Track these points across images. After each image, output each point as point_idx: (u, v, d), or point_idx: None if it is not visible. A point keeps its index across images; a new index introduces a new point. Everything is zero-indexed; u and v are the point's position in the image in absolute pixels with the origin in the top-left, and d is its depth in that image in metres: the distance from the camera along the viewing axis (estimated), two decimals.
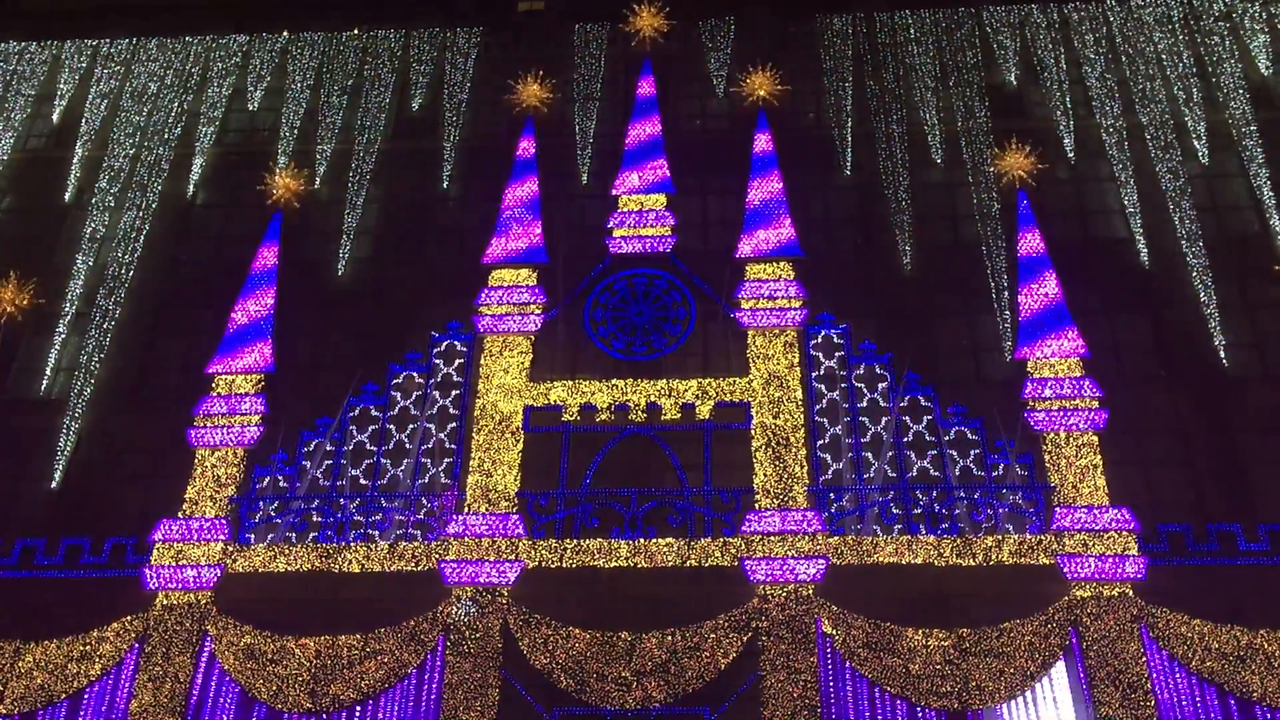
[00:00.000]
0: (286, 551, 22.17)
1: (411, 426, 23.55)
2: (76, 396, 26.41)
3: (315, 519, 22.69)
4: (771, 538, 21.44)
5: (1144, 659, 19.86)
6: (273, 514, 22.75)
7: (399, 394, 24.00)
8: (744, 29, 31.13)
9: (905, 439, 22.54)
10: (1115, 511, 21.14)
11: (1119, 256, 26.92)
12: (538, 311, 24.64)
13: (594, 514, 22.45)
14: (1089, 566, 20.64)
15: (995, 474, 22.00)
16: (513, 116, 28.86)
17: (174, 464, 23.65)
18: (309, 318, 27.00)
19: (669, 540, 21.80)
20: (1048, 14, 30.30)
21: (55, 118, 31.42)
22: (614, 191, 26.38)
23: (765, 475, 22.28)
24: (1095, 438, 22.06)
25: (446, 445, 23.35)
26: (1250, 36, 29.38)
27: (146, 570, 21.98)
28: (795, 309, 24.05)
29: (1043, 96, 29.41)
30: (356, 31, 31.93)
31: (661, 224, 25.52)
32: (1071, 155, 28.28)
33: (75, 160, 30.41)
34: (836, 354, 23.70)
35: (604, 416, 23.39)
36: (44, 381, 27.19)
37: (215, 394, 24.00)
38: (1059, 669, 20.14)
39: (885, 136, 28.88)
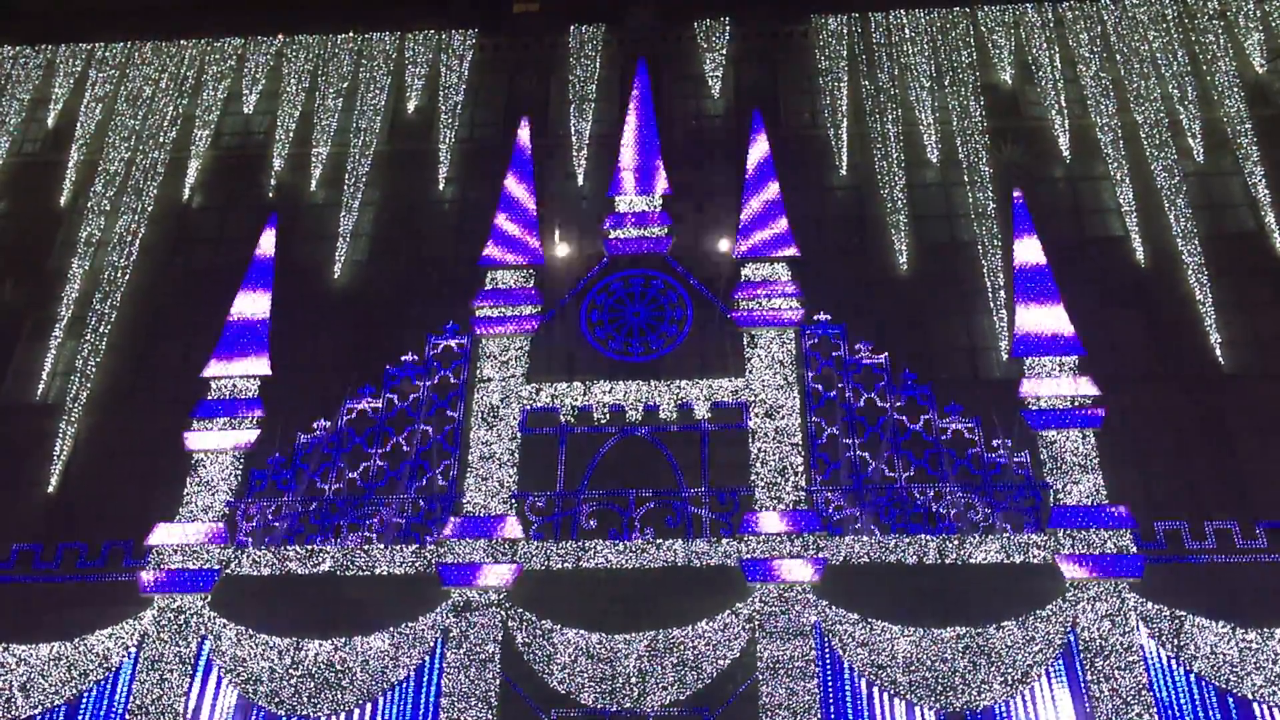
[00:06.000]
0: (283, 554, 22.14)
1: (408, 428, 23.52)
2: (73, 400, 26.43)
3: (312, 522, 22.67)
4: (769, 538, 21.43)
5: (1142, 657, 19.87)
6: (270, 517, 22.72)
7: (395, 396, 23.96)
8: (739, 29, 31.18)
9: (902, 438, 22.53)
10: (1112, 509, 21.13)
11: (1115, 255, 27.00)
12: (534, 313, 24.61)
13: (591, 515, 22.43)
14: (1086, 565, 20.63)
15: (992, 473, 22.00)
16: (508, 118, 28.81)
17: (171, 467, 23.58)
18: (305, 320, 27.02)
19: (667, 541, 21.78)
20: (1042, 13, 30.37)
21: (50, 122, 31.42)
22: (610, 192, 26.36)
23: (763, 475, 22.27)
24: (1092, 436, 22.04)
25: (443, 447, 23.33)
26: (1244, 34, 29.46)
27: (143, 574, 21.93)
28: (792, 309, 24.02)
29: (1038, 95, 29.48)
30: (351, 34, 31.94)
31: (657, 225, 25.50)
32: (1067, 154, 28.34)
33: (70, 164, 30.42)
34: (833, 354, 23.67)
35: (601, 417, 23.38)
36: (40, 386, 27.19)
37: (212, 397, 23.95)
38: (1057, 667, 20.14)
39: (881, 136, 28.93)
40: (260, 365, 24.19)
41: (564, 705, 20.55)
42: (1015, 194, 25.14)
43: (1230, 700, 19.64)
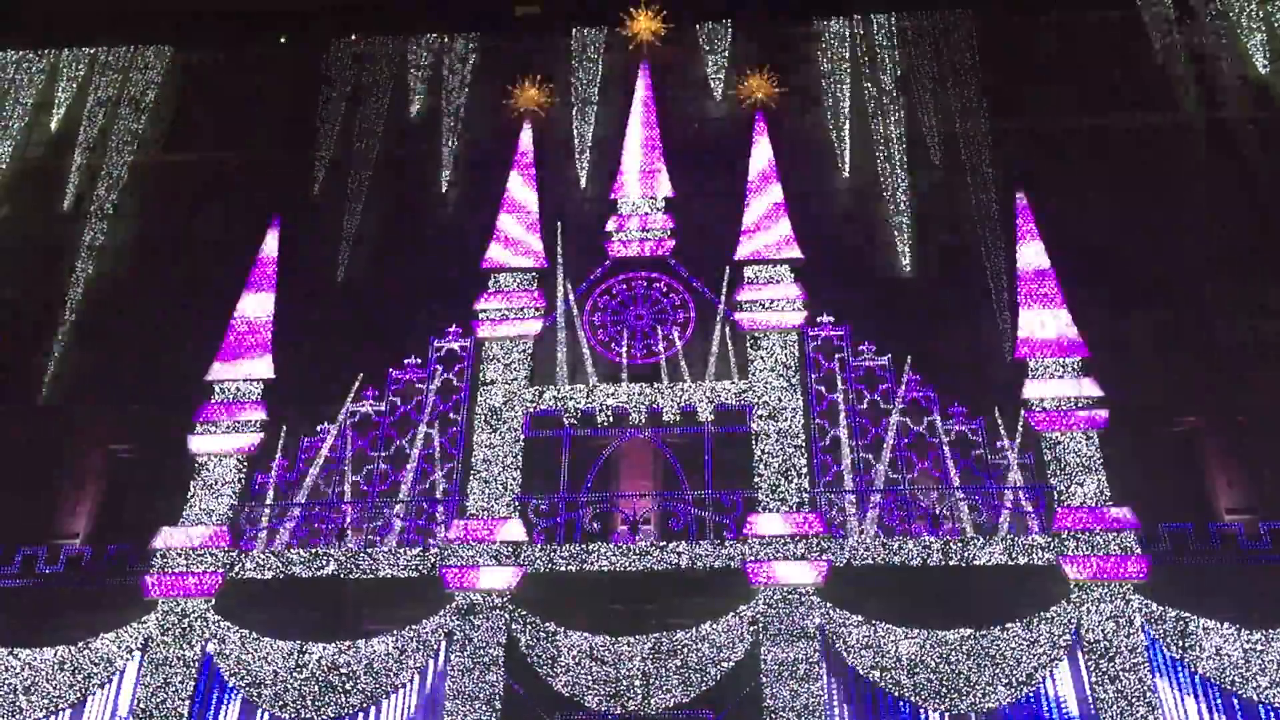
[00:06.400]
0: (287, 557, 22.12)
1: (411, 431, 23.52)
2: (76, 404, 26.43)
3: (316, 525, 22.66)
4: (773, 540, 21.40)
5: (1146, 659, 19.82)
6: (273, 520, 22.71)
7: (399, 399, 23.96)
8: (742, 31, 31.15)
9: (906, 440, 22.50)
10: (1116, 511, 21.09)
11: (1119, 255, 26.94)
12: (537, 315, 24.61)
13: (594, 518, 22.42)
14: (1091, 566, 20.59)
15: (996, 474, 21.96)
16: (511, 120, 28.81)
17: (174, 471, 23.57)
18: (309, 323, 27.01)
19: (670, 543, 21.76)
20: (1045, 14, 30.33)
21: (53, 126, 31.44)
22: (612, 195, 26.36)
23: (766, 478, 22.24)
24: (1096, 437, 22.01)
25: (447, 450, 23.31)
26: (1248, 35, 29.41)
27: (147, 578, 21.93)
28: (795, 311, 24.00)
29: (1041, 96, 29.43)
30: (354, 37, 31.95)
31: (660, 227, 25.50)
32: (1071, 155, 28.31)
33: (73, 168, 30.43)
34: (836, 356, 23.65)
35: (604, 420, 23.36)
36: (44, 389, 27.20)
37: (215, 401, 23.95)
38: (1061, 669, 20.11)
39: (883, 138, 28.90)
40: (263, 367, 24.21)
41: (568, 708, 20.54)
42: (1019, 196, 25.10)
43: (1235, 702, 19.59)
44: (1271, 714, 19.43)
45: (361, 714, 20.66)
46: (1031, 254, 24.20)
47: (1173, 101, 28.67)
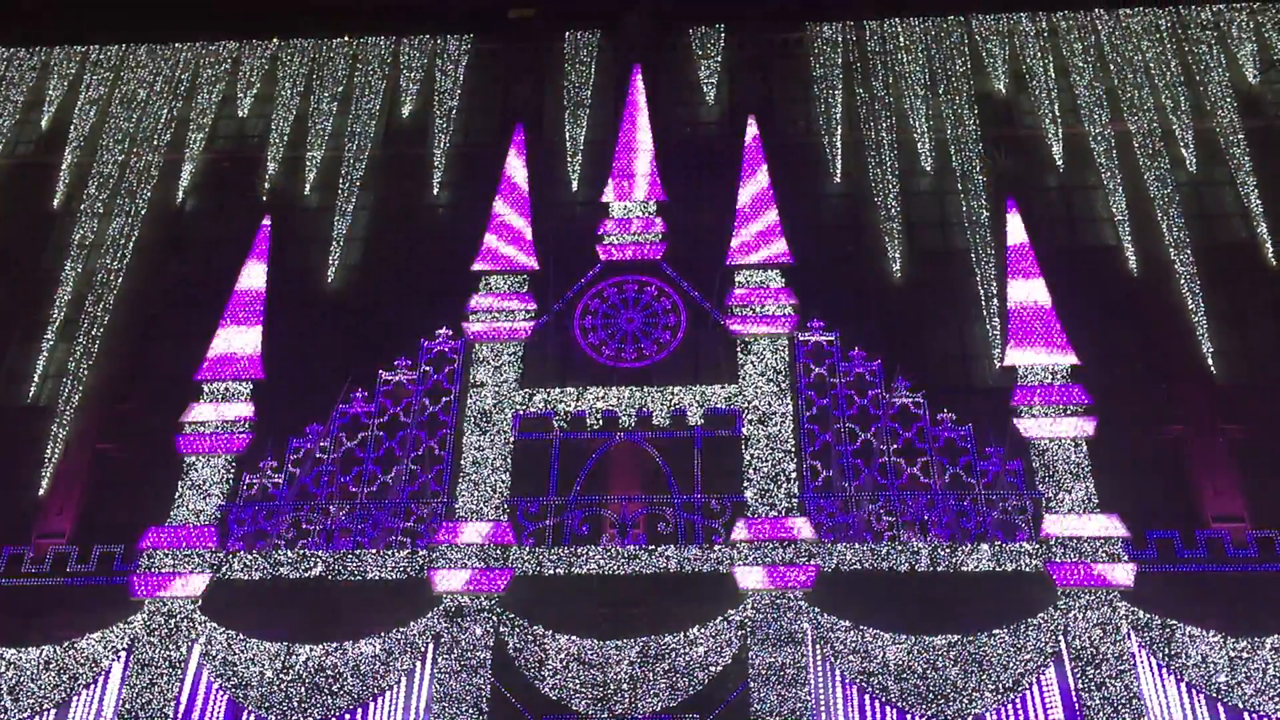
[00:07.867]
0: (275, 559, 22.05)
1: (401, 433, 23.48)
2: (64, 403, 26.33)
3: (304, 526, 22.60)
4: (762, 545, 21.43)
5: (1133, 666, 19.89)
6: (261, 521, 22.65)
7: (389, 400, 23.92)
8: (734, 36, 31.19)
9: (895, 446, 22.54)
10: (1104, 518, 21.17)
11: (1108, 264, 27.05)
12: (528, 318, 24.59)
13: (584, 521, 22.41)
14: (1078, 573, 20.67)
15: (985, 481, 22.01)
16: (505, 121, 28.72)
17: (162, 471, 23.49)
18: (298, 324, 26.92)
19: (659, 547, 21.76)
20: (1036, 22, 30.43)
21: (44, 124, 31.31)
22: (604, 198, 26.36)
23: (755, 482, 22.26)
24: (1084, 444, 22.09)
25: (436, 452, 23.28)
26: (1238, 45, 29.56)
27: (134, 578, 21.84)
28: (786, 316, 24.04)
29: (1032, 104, 29.53)
30: (347, 38, 31.88)
31: (651, 231, 25.51)
32: (1060, 163, 28.40)
33: (64, 167, 30.30)
34: (827, 361, 23.70)
35: (594, 423, 23.35)
36: (32, 388, 27.09)
37: (204, 401, 23.88)
38: (1048, 676, 20.16)
39: (875, 144, 28.96)
40: (252, 367, 24.11)
41: (555, 711, 20.50)
42: (1009, 204, 25.21)
43: (1221, 709, 19.67)
44: None
45: (349, 716, 20.61)
46: (1021, 263, 24.32)
47: (1164, 109, 28.76)
